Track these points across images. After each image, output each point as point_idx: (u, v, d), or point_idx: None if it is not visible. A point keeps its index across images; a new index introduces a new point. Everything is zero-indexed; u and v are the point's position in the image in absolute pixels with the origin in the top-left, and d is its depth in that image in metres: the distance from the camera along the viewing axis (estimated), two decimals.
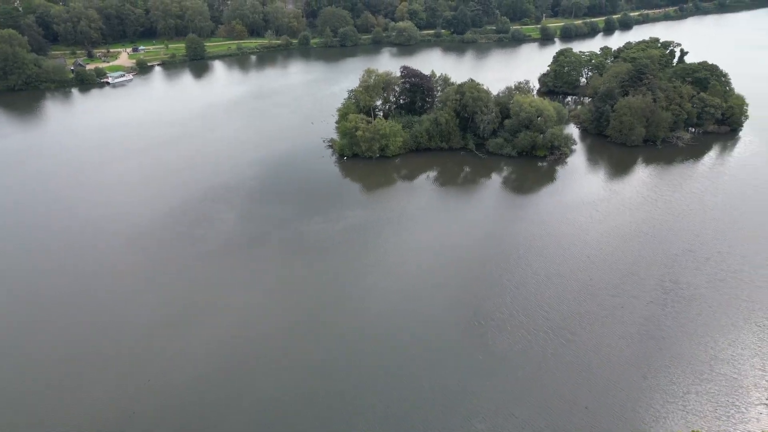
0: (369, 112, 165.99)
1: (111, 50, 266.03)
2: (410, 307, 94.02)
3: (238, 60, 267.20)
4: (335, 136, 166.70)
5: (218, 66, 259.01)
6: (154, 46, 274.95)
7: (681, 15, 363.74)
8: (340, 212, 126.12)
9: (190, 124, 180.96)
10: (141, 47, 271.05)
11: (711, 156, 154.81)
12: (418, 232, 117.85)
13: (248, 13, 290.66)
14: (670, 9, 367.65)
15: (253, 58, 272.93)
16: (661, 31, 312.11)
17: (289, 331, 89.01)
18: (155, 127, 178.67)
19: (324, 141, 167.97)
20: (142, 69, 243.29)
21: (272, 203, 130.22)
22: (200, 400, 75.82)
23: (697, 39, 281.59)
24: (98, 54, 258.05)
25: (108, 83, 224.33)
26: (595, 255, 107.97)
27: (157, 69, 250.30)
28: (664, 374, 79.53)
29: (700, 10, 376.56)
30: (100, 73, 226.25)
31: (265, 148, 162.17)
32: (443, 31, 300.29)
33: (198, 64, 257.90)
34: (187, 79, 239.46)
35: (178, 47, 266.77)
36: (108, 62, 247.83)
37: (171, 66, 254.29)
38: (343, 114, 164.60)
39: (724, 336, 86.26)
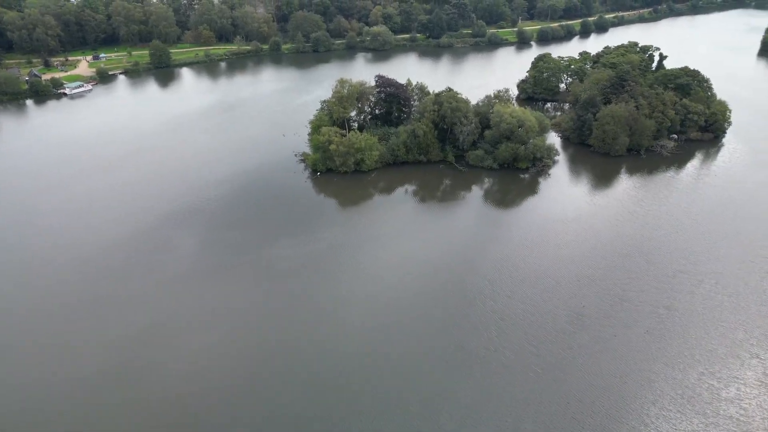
0: (343, 124, 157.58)
1: (70, 59, 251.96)
2: (387, 338, 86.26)
3: (206, 67, 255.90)
4: (308, 149, 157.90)
5: (185, 74, 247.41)
6: (116, 54, 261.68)
7: (655, 17, 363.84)
8: (313, 233, 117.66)
9: (151, 140, 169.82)
10: (102, 55, 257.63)
11: (696, 165, 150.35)
12: (395, 251, 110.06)
13: (216, 18, 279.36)
14: (645, 11, 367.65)
15: (222, 65, 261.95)
16: (637, 33, 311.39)
17: (260, 362, 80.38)
18: (113, 143, 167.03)
19: (296, 155, 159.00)
20: (103, 78, 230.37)
21: (239, 226, 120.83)
22: None
23: (673, 41, 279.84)
24: (56, 63, 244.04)
25: (65, 94, 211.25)
26: (584, 276, 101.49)
27: (121, 78, 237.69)
28: (665, 419, 73.08)
29: (673, 12, 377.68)
30: (57, 84, 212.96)
31: (233, 164, 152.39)
32: (418, 35, 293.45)
33: (163, 72, 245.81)
34: (150, 88, 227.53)
35: (142, 54, 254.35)
36: (66, 71, 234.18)
37: (134, 75, 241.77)
38: (316, 126, 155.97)
39: (726, 369, 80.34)
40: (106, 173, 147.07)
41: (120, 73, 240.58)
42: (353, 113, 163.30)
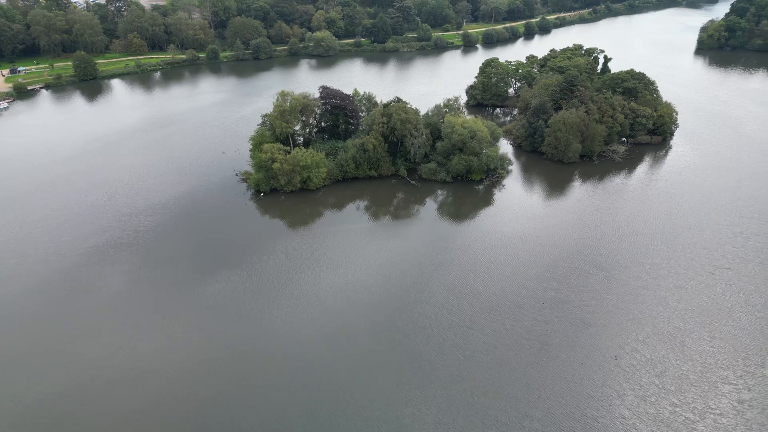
0: (287, 139, 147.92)
1: None
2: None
3: (138, 79, 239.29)
4: (250, 167, 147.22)
5: (114, 87, 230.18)
6: (36, 67, 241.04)
7: (595, 17, 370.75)
8: (255, 261, 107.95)
9: (73, 164, 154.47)
10: (21, 68, 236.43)
11: (648, 171, 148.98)
12: (343, 277, 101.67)
13: (147, 26, 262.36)
14: (585, 11, 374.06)
15: (157, 75, 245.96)
16: (579, 34, 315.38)
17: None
18: (27, 169, 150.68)
19: (237, 174, 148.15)
20: (22, 94, 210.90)
21: (173, 260, 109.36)
22: None
23: (614, 42, 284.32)
24: None
25: None
26: (546, 299, 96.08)
27: (42, 93, 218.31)
28: None
29: (612, 12, 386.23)
30: None
31: (167, 187, 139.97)
32: (363, 40, 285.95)
33: (89, 85, 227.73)
34: (75, 104, 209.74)
35: (66, 66, 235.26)
36: None
37: (58, 89, 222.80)
38: (257, 143, 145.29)
39: (700, 398, 76.47)
40: (18, 206, 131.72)
41: (41, 88, 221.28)
42: (297, 127, 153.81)
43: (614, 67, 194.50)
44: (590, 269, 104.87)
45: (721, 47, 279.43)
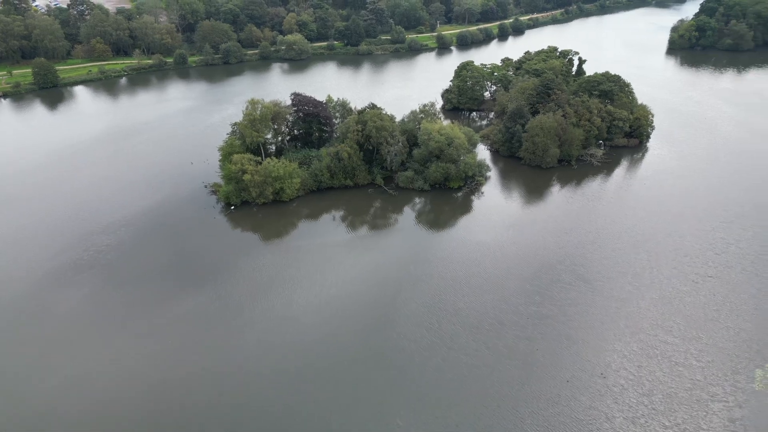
0: (258, 148, 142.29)
1: None
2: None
3: (103, 85, 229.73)
4: (220, 178, 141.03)
5: (77, 94, 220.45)
6: None
7: (567, 18, 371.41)
8: (224, 280, 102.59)
9: (29, 178, 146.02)
10: None
11: (626, 175, 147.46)
12: (318, 294, 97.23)
13: (111, 30, 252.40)
14: (557, 12, 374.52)
15: (122, 81, 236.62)
16: (552, 35, 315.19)
17: None
18: None
19: (206, 186, 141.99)
20: None
21: (137, 281, 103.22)
22: None
23: (587, 43, 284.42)
24: None
25: None
26: (530, 314, 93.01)
27: (2, 102, 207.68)
28: None
29: (583, 12, 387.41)
30: None
31: (133, 202, 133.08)
32: (336, 42, 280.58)
33: (50, 93, 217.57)
34: (34, 114, 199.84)
35: (25, 74, 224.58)
36: None
37: (17, 97, 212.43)
38: (227, 153, 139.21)
39: (691, 418, 73.95)
40: None
41: None
42: (269, 135, 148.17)
43: (588, 69, 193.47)
44: (572, 281, 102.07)
45: (692, 47, 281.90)
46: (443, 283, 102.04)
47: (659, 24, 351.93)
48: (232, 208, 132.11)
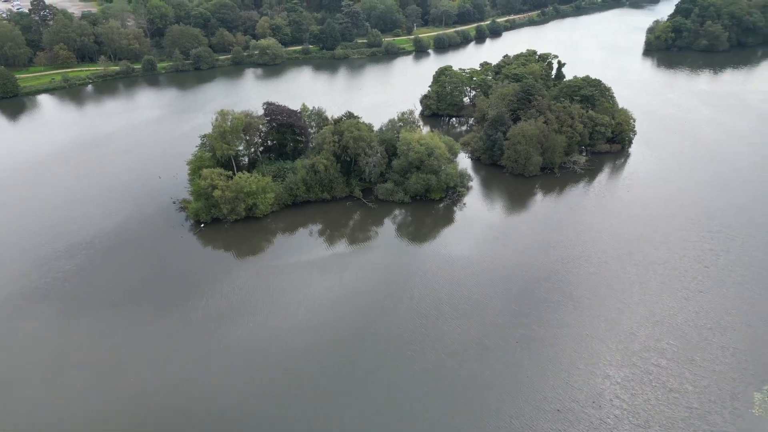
0: (229, 161, 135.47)
1: None
2: None
3: (67, 94, 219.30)
4: (189, 194, 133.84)
5: (40, 104, 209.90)
6: None
7: (544, 19, 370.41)
8: (192, 307, 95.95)
9: None
10: None
11: (610, 182, 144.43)
12: (294, 316, 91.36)
13: (75, 36, 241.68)
14: (534, 13, 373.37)
15: (88, 89, 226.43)
16: (529, 37, 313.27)
17: None
18: None
19: (175, 202, 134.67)
20: None
21: (96, 309, 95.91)
22: None
23: (564, 45, 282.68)
24: None
25: None
26: (519, 336, 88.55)
27: None
28: None
29: (559, 14, 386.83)
30: None
31: (94, 222, 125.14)
32: (311, 46, 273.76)
33: (9, 103, 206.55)
34: None
35: None
36: None
37: None
38: (196, 168, 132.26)
39: None
40: None
41: None
42: (240, 147, 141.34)
43: (567, 72, 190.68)
44: (559, 299, 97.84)
45: (668, 48, 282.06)
46: (425, 304, 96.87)
47: (634, 25, 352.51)
48: (202, 225, 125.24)
